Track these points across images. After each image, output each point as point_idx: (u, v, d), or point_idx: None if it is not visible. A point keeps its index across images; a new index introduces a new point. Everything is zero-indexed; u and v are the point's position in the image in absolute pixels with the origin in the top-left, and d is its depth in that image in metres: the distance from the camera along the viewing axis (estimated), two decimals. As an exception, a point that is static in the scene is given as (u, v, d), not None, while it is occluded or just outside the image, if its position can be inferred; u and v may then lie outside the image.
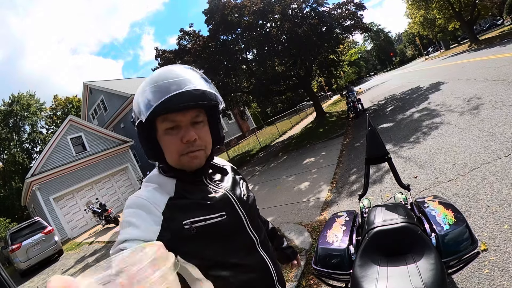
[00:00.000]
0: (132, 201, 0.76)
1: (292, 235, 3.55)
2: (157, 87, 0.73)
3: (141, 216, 0.72)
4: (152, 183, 0.82)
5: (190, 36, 12.63)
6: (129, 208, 0.75)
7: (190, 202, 0.78)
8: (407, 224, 1.19)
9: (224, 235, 0.79)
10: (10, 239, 9.36)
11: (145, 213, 0.73)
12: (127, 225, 0.71)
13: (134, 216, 0.73)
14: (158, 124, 0.76)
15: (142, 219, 0.72)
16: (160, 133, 0.77)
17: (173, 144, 0.76)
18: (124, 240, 0.67)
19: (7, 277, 1.80)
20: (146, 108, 0.72)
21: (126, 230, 0.70)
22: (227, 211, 0.81)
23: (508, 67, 7.20)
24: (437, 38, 41.70)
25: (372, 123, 1.69)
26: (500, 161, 2.99)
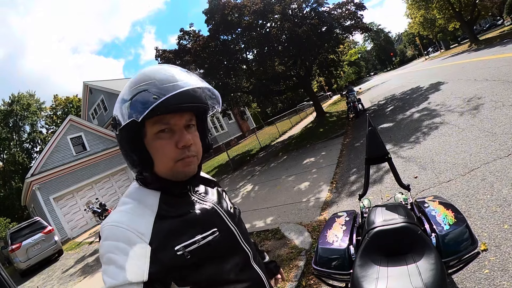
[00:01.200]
0: (110, 232, 0.64)
1: (292, 235, 3.55)
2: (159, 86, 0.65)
3: (124, 251, 0.61)
4: (131, 199, 0.72)
5: (190, 36, 12.62)
6: (108, 241, 0.63)
7: (180, 222, 0.69)
8: (407, 224, 1.19)
9: (218, 253, 0.72)
10: (10, 239, 9.36)
11: (128, 247, 0.62)
12: (109, 262, 0.62)
13: (116, 252, 0.62)
14: (148, 127, 0.67)
15: (125, 255, 0.61)
16: (150, 137, 0.67)
17: (167, 149, 0.68)
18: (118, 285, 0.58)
19: (7, 277, 1.80)
20: (143, 106, 0.62)
21: (110, 271, 0.61)
22: (218, 226, 0.75)
23: (508, 67, 7.20)
24: (437, 38, 41.71)
25: (372, 123, 1.69)
26: (500, 161, 2.99)
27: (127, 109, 0.65)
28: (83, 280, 5.79)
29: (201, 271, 0.68)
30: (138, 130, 0.67)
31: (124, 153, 0.71)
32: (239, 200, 6.47)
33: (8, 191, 30.05)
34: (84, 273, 6.24)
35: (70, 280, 6.27)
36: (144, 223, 0.66)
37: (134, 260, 0.61)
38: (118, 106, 0.68)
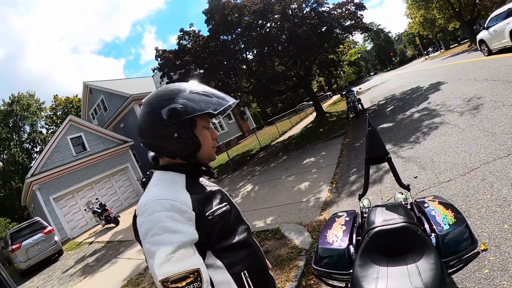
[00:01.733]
0: (156, 205, 0.76)
1: (292, 235, 3.55)
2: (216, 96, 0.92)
3: (175, 218, 0.75)
4: (161, 181, 0.87)
5: (190, 36, 12.62)
6: (156, 213, 0.75)
7: (205, 194, 0.89)
8: (407, 224, 1.19)
9: (231, 221, 0.92)
10: (10, 239, 9.37)
11: (177, 214, 0.76)
12: (162, 231, 0.73)
13: (167, 220, 0.74)
14: (198, 120, 0.90)
15: (177, 221, 0.75)
16: (199, 128, 0.91)
17: (209, 138, 0.93)
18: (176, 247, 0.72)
19: (7, 277, 1.80)
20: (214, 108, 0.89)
21: (164, 239, 0.72)
22: (227, 202, 0.94)
23: (508, 67, 7.20)
24: (437, 38, 41.71)
25: (372, 123, 1.69)
26: (500, 161, 2.99)
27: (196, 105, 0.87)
28: (83, 280, 5.79)
29: (224, 235, 0.86)
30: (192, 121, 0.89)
31: (179, 139, 0.87)
32: (239, 200, 6.47)
33: (8, 191, 30.05)
34: (84, 273, 6.24)
35: (70, 280, 6.27)
36: (183, 195, 0.82)
37: (185, 224, 0.76)
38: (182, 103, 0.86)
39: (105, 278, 5.27)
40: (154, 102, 0.89)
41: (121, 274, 4.98)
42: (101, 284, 5.10)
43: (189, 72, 12.10)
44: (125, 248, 6.71)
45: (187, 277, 0.73)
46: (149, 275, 4.33)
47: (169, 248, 0.72)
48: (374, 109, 11.29)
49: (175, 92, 0.89)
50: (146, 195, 0.83)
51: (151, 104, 0.90)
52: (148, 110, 0.89)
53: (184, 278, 0.72)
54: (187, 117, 0.86)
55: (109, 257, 6.62)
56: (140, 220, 0.79)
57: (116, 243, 7.77)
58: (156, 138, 0.88)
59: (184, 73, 12.13)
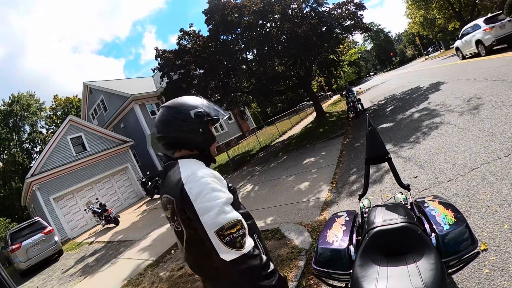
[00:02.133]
0: (204, 173, 1.04)
1: (292, 235, 3.55)
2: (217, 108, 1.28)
3: (219, 183, 1.05)
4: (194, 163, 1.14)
5: (190, 36, 12.61)
6: (208, 178, 1.03)
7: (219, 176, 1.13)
8: (407, 224, 1.19)
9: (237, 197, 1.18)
10: (10, 239, 9.36)
11: (218, 181, 1.05)
12: (214, 191, 1.00)
13: (215, 184, 1.03)
14: (210, 123, 1.24)
15: (221, 185, 1.05)
16: (210, 128, 1.25)
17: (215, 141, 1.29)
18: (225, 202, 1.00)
19: (7, 277, 1.80)
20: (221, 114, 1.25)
21: (216, 194, 1.00)
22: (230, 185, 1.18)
23: (508, 67, 7.20)
24: (437, 38, 41.71)
25: (372, 123, 1.69)
26: (500, 161, 2.99)
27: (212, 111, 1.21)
28: (83, 280, 5.79)
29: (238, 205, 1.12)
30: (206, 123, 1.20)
31: (203, 134, 1.18)
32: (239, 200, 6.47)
33: (8, 191, 30.05)
34: (84, 273, 6.24)
35: (70, 280, 6.27)
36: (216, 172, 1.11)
37: (224, 187, 1.06)
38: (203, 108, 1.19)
39: (105, 278, 5.27)
40: (181, 105, 1.18)
41: (121, 274, 4.98)
42: (101, 284, 5.10)
43: (189, 72, 12.10)
44: (125, 248, 6.71)
45: (235, 225, 0.96)
46: (149, 275, 4.33)
47: (220, 203, 0.97)
48: (374, 109, 11.29)
49: (198, 101, 1.23)
50: (184, 171, 1.06)
51: (180, 107, 1.18)
52: (176, 111, 1.17)
53: (234, 225, 0.96)
54: (207, 119, 1.18)
55: (109, 257, 6.62)
56: (189, 186, 1.00)
57: (116, 243, 7.78)
58: (184, 132, 1.15)
59: (184, 73, 12.13)
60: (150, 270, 4.53)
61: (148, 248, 5.83)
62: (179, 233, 1.11)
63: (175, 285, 3.60)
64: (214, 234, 0.93)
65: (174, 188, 1.05)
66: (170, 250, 5.04)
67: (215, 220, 0.94)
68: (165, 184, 1.13)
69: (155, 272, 4.34)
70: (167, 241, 5.63)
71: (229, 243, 0.93)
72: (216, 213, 0.95)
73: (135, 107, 19.04)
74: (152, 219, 8.66)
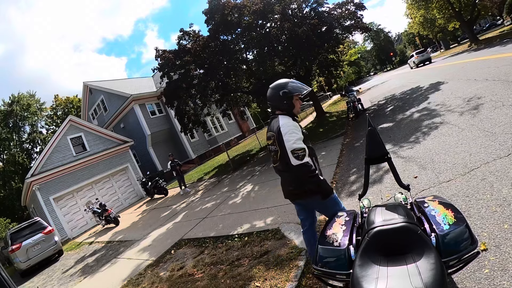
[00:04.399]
0: (292, 124, 2.07)
1: (292, 235, 3.55)
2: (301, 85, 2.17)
3: (297, 128, 2.08)
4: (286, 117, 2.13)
5: (190, 36, 12.61)
6: (292, 126, 2.04)
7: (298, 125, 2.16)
8: (407, 224, 1.19)
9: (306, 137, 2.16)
10: (10, 239, 9.35)
11: (297, 127, 2.09)
12: (294, 131, 2.04)
13: (295, 128, 2.05)
14: (294, 97, 2.14)
15: (298, 129, 2.08)
16: (294, 100, 2.16)
17: (298, 104, 2.21)
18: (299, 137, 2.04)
19: (7, 277, 1.80)
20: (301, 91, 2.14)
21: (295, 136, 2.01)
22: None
23: (508, 67, 7.20)
24: (437, 38, 41.69)
25: (372, 123, 1.69)
26: (500, 161, 2.99)
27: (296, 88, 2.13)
28: (83, 281, 5.78)
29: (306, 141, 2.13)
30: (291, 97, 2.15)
31: (286, 104, 2.15)
32: (239, 200, 6.47)
33: (8, 191, 30.03)
34: (84, 274, 6.24)
35: (70, 280, 6.27)
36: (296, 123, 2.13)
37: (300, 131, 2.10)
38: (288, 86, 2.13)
39: (105, 278, 5.27)
40: (275, 87, 2.17)
41: (121, 274, 4.98)
42: (101, 284, 5.10)
43: (189, 72, 12.10)
44: (125, 248, 6.71)
45: (300, 149, 1.99)
46: (149, 275, 4.33)
47: (295, 138, 1.99)
48: (374, 109, 11.29)
49: (285, 83, 2.15)
50: (281, 121, 2.07)
51: (275, 88, 2.17)
52: (273, 90, 2.18)
53: (300, 149, 1.98)
54: (289, 95, 2.11)
55: (109, 257, 6.62)
56: (283, 129, 2.03)
57: (116, 243, 7.77)
58: (277, 102, 2.17)
59: (184, 73, 12.13)
60: (150, 270, 4.52)
61: (148, 248, 5.83)
62: (275, 151, 2.14)
63: (175, 285, 3.60)
64: (290, 152, 1.98)
65: (275, 129, 2.08)
66: (170, 250, 5.04)
67: (291, 146, 1.98)
68: (270, 126, 2.19)
69: (155, 272, 4.34)
70: (167, 241, 5.63)
71: (296, 157, 1.97)
72: (292, 142, 1.98)
73: (135, 107, 19.04)
74: (152, 219, 8.66)
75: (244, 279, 2.96)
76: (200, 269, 3.74)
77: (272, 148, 2.17)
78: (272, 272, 2.88)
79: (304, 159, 1.97)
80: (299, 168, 1.98)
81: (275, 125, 2.10)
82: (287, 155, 1.97)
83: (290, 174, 2.08)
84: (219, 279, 3.20)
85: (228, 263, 3.51)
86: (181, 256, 4.58)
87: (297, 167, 1.97)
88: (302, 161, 1.96)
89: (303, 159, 1.97)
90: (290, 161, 1.97)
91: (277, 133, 2.03)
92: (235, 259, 3.53)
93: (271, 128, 2.16)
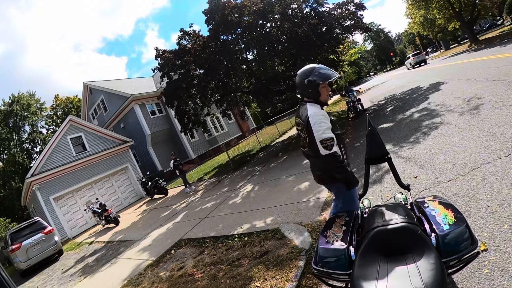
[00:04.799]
0: (320, 113, 2.06)
1: (292, 235, 3.55)
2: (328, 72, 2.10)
3: (326, 118, 2.06)
4: (315, 106, 2.12)
5: (190, 36, 12.60)
6: (320, 116, 2.04)
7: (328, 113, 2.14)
8: (407, 224, 1.19)
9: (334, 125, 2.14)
10: (10, 239, 9.35)
11: (325, 116, 2.07)
12: (323, 120, 2.03)
13: (324, 118, 2.05)
14: (320, 84, 2.07)
15: (327, 119, 2.06)
16: (321, 87, 2.08)
17: (324, 92, 2.12)
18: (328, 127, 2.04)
19: (7, 277, 1.80)
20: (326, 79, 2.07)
21: (324, 125, 2.01)
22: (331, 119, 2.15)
23: (508, 67, 7.20)
24: (437, 38, 41.68)
25: (372, 123, 1.69)
26: (500, 161, 2.99)
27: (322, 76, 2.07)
28: (83, 280, 5.79)
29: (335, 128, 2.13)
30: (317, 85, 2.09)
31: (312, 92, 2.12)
32: (239, 200, 6.47)
33: (8, 191, 30.03)
34: (84, 273, 6.24)
35: (70, 280, 6.27)
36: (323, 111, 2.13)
37: (328, 120, 2.07)
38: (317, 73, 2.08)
39: (105, 278, 5.27)
40: (301, 75, 2.14)
41: (121, 274, 4.98)
42: (101, 284, 5.10)
43: (189, 72, 12.09)
44: (125, 248, 6.71)
45: (329, 139, 1.98)
46: (149, 275, 4.33)
47: (323, 128, 1.99)
48: (374, 109, 11.29)
49: (310, 70, 2.10)
50: (309, 110, 2.07)
51: (300, 75, 2.14)
52: (301, 78, 2.13)
53: (328, 139, 1.98)
54: (314, 83, 2.06)
55: (109, 257, 6.62)
56: (311, 118, 2.02)
57: (116, 243, 7.77)
58: (304, 90, 2.15)
59: (184, 73, 12.12)
60: (150, 270, 4.52)
61: (148, 248, 5.83)
62: (303, 139, 2.16)
63: (175, 285, 3.60)
64: (319, 142, 1.99)
65: (304, 117, 2.09)
66: (170, 250, 5.05)
67: (320, 136, 1.99)
68: (299, 113, 2.20)
69: (155, 272, 4.34)
70: (167, 241, 5.63)
71: (325, 147, 1.99)
72: (321, 133, 1.99)
73: (135, 107, 19.04)
74: (152, 219, 8.67)
75: (244, 279, 2.96)
76: (200, 269, 3.74)
77: (301, 134, 2.21)
78: (272, 272, 2.88)
79: (332, 148, 1.98)
80: (327, 158, 2.00)
81: (303, 113, 2.10)
82: (316, 144, 2.00)
83: (319, 160, 2.10)
84: (219, 279, 3.20)
85: (228, 263, 3.51)
86: (181, 256, 4.58)
87: (325, 157, 2.00)
88: (330, 151, 1.98)
89: (331, 149, 1.98)
90: (319, 150, 2.00)
91: (306, 122, 2.05)
92: (235, 259, 3.53)
93: (299, 115, 2.18)
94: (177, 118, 13.50)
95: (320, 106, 2.12)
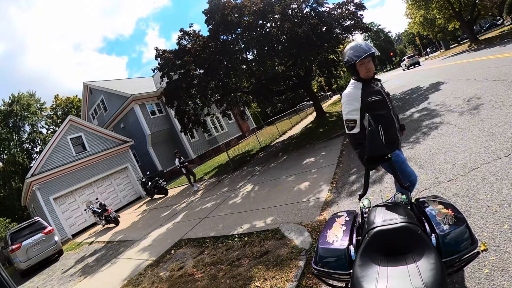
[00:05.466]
0: (348, 93, 2.17)
1: (292, 235, 3.55)
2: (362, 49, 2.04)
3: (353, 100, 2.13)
4: (352, 84, 2.20)
5: (190, 36, 12.61)
6: (346, 97, 2.17)
7: (370, 91, 2.12)
8: (407, 224, 1.19)
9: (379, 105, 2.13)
10: (10, 239, 9.35)
11: (354, 98, 2.13)
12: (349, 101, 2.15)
13: (350, 100, 2.14)
14: (357, 63, 2.07)
15: (354, 101, 2.12)
16: (358, 65, 2.09)
17: (363, 69, 2.11)
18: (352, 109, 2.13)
19: (7, 277, 1.80)
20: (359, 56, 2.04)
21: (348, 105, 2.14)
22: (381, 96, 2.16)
23: (508, 67, 7.20)
24: (437, 38, 41.69)
25: (372, 123, 1.69)
26: (500, 161, 2.99)
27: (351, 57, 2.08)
28: (83, 280, 5.79)
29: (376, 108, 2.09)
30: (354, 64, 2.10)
31: (350, 71, 2.19)
32: (239, 200, 6.47)
33: (8, 191, 30.03)
34: (84, 273, 6.24)
35: (70, 280, 6.27)
36: (358, 91, 2.13)
37: (357, 103, 2.11)
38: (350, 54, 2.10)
39: (105, 278, 5.27)
40: (343, 56, 2.19)
41: (121, 274, 4.98)
42: (101, 284, 5.10)
43: (189, 72, 12.10)
44: (125, 248, 6.71)
45: (350, 120, 2.14)
46: (149, 275, 4.33)
47: (351, 108, 2.12)
48: (374, 109, 11.25)
49: (346, 51, 2.13)
50: (346, 89, 2.19)
51: (343, 57, 2.20)
52: (343, 59, 2.20)
53: (352, 121, 2.13)
54: (350, 63, 2.10)
55: (109, 257, 6.62)
56: (342, 98, 2.20)
57: (116, 243, 7.77)
58: (347, 70, 2.22)
59: (184, 73, 12.13)
60: (150, 270, 4.52)
61: (148, 248, 5.83)
62: None
63: (175, 285, 3.60)
64: (344, 121, 2.17)
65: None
66: (170, 250, 5.04)
67: (345, 116, 2.16)
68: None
69: (155, 272, 4.34)
70: (167, 241, 5.63)
71: (347, 127, 2.15)
72: (346, 113, 2.14)
73: (135, 107, 19.04)
74: (152, 219, 8.67)
75: (244, 279, 2.96)
76: (200, 269, 3.74)
77: None
78: (272, 272, 2.88)
79: (353, 130, 2.11)
80: (349, 137, 2.21)
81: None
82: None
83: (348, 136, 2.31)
84: (219, 279, 3.20)
85: (228, 263, 3.51)
86: (181, 256, 4.58)
87: (348, 136, 2.21)
88: (350, 132, 2.14)
89: (351, 130, 2.11)
90: (346, 128, 2.19)
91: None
92: (235, 259, 3.53)
93: None
94: (177, 118, 13.50)
95: (362, 84, 2.13)
